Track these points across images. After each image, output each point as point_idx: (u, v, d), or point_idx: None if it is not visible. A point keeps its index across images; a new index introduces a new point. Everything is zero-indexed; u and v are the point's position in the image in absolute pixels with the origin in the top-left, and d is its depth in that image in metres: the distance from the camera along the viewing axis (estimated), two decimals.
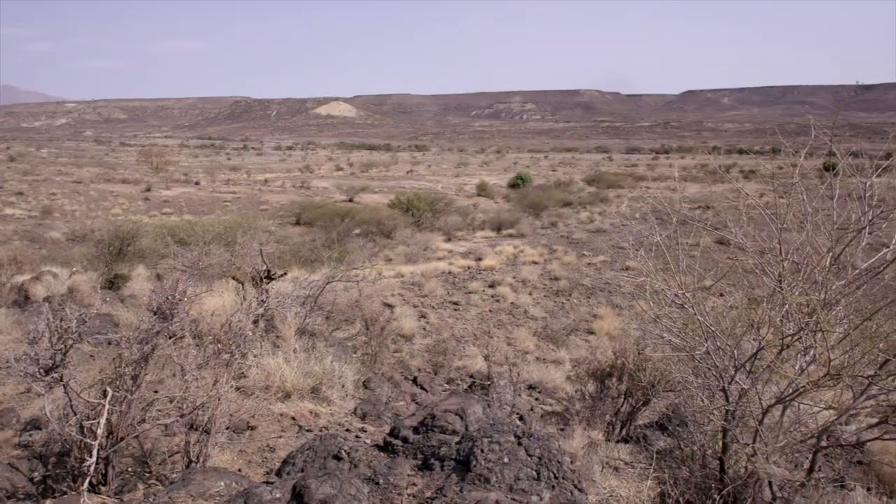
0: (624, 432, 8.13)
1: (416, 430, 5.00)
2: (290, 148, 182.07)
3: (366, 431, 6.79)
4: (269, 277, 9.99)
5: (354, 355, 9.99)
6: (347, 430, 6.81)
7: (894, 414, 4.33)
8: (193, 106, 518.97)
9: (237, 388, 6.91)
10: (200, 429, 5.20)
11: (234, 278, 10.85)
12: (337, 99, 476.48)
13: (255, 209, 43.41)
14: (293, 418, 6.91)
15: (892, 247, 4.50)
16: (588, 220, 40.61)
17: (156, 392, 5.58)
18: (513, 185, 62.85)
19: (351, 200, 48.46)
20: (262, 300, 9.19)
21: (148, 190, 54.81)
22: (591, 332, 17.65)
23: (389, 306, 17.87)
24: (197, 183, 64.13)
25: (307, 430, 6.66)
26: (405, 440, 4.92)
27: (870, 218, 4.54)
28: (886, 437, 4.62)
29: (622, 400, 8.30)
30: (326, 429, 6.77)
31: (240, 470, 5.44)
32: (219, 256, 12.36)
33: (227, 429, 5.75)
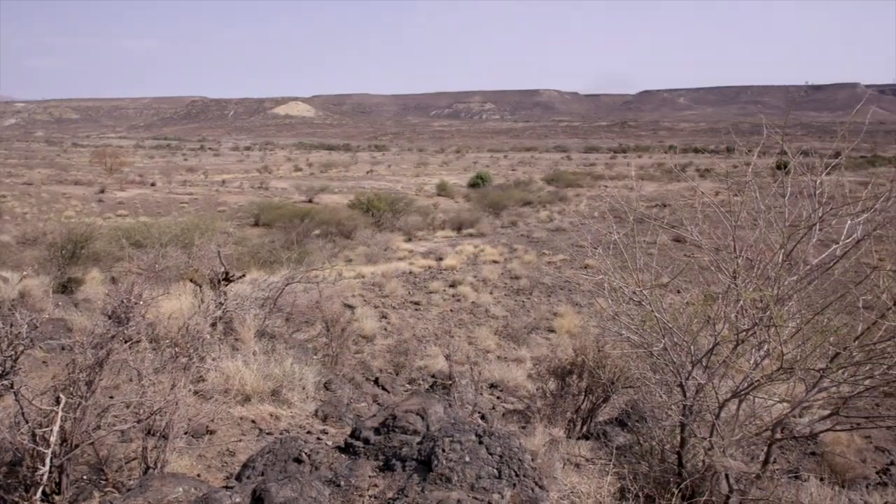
0: (584, 429, 8.21)
1: (377, 430, 4.98)
2: (247, 148, 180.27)
3: (327, 433, 6.75)
4: (228, 279, 9.87)
5: (315, 357, 9.92)
6: (308, 432, 6.76)
7: (845, 406, 4.44)
8: (148, 106, 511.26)
9: (195, 392, 6.80)
10: (158, 434, 5.10)
11: (191, 280, 10.69)
12: (295, 99, 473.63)
13: (213, 210, 42.85)
14: (253, 421, 6.83)
15: (841, 243, 4.61)
16: (548, 218, 40.90)
17: (111, 398, 5.46)
18: (473, 185, 63.07)
19: (310, 201, 48.12)
20: (221, 302, 9.07)
21: (102, 191, 53.70)
22: (551, 331, 17.77)
23: (350, 307, 17.78)
24: (153, 184, 63.13)
25: (268, 434, 6.59)
26: (366, 441, 4.90)
27: (820, 215, 4.65)
28: (838, 428, 4.73)
29: (583, 397, 8.37)
30: (287, 431, 6.71)
31: (199, 475, 5.36)
32: (176, 259, 12.17)
33: (186, 434, 5.67)
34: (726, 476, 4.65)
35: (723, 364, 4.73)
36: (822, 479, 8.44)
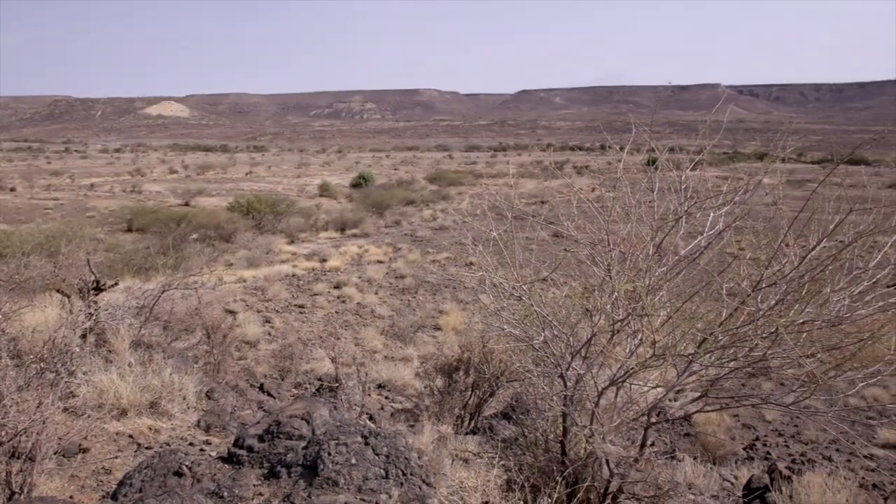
0: (472, 424, 8.32)
1: (261, 438, 4.87)
2: (117, 150, 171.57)
3: (210, 444, 6.53)
4: (98, 288, 9.39)
5: (196, 365, 9.58)
6: (191, 444, 6.52)
7: (714, 387, 4.69)
8: (5, 105, 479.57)
9: (65, 409, 6.43)
10: (24, 456, 4.78)
11: (58, 291, 10.11)
12: (168, 98, 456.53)
13: (82, 216, 40.59)
14: (131, 436, 6.53)
15: (705, 234, 4.87)
16: (431, 217, 41.29)
17: None
18: (355, 185, 62.82)
19: (187, 204, 46.51)
20: (91, 313, 8.62)
21: None
22: (437, 328, 17.94)
23: (232, 312, 17.31)
24: (12, 189, 59.22)
25: (147, 448, 6.31)
26: (250, 449, 4.78)
27: (686, 208, 4.89)
28: (708, 409, 4.98)
29: (469, 393, 8.48)
30: (168, 444, 6.45)
31: (71, 497, 5.08)
32: (40, 268, 11.47)
33: (56, 453, 5.34)
34: (607, 461, 4.82)
35: (600, 354, 4.89)
36: (695, 458, 8.94)
